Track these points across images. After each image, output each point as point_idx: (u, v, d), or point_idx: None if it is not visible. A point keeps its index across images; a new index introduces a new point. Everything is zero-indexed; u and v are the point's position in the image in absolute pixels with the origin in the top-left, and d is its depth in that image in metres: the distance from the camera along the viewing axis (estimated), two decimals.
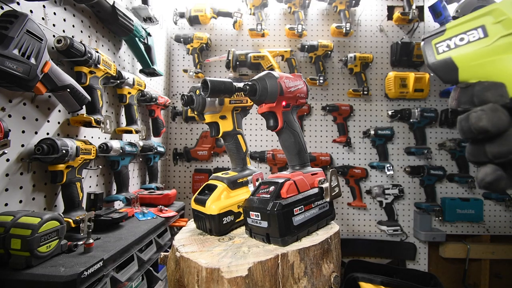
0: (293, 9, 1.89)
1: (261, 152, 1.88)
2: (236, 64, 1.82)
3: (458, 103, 0.35)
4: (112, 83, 1.15)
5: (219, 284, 0.48)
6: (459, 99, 0.35)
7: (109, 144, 1.05)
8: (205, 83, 0.58)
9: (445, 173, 1.88)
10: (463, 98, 0.34)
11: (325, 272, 0.58)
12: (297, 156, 0.69)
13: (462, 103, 0.35)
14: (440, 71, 0.36)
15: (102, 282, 0.71)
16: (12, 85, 0.67)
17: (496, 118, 0.29)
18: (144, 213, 1.13)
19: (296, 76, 0.70)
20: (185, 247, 0.60)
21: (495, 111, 0.30)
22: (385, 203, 1.89)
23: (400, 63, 1.95)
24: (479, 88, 0.32)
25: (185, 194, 1.97)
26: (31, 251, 0.60)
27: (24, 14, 0.67)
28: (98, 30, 1.13)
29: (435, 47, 0.36)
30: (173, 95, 1.99)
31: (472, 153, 0.33)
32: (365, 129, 1.95)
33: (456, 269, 1.95)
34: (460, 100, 0.35)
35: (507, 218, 1.92)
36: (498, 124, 0.29)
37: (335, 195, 0.67)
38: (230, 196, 0.70)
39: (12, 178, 0.73)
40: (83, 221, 0.74)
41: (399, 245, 1.92)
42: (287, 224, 0.56)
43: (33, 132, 0.80)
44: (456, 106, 0.35)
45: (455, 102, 0.35)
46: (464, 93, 0.34)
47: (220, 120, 0.76)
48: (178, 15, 1.88)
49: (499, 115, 0.29)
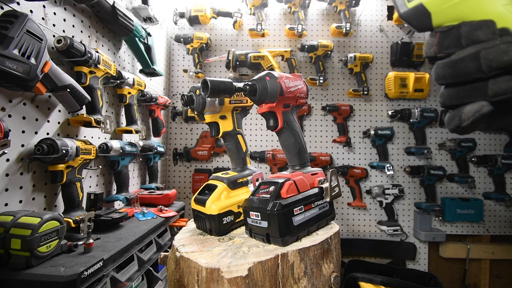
0: (293, 9, 1.89)
1: (261, 152, 1.88)
2: (236, 64, 1.82)
3: (439, 48, 0.34)
4: (112, 83, 1.15)
5: (219, 284, 0.48)
6: (440, 43, 0.33)
7: (109, 144, 1.05)
8: (205, 83, 0.58)
9: (445, 173, 1.88)
10: (445, 42, 0.33)
11: (325, 272, 0.58)
12: (297, 156, 0.69)
13: (444, 48, 0.33)
14: (412, 19, 0.35)
15: (102, 282, 0.71)
16: (12, 85, 0.67)
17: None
18: (144, 213, 1.13)
19: (296, 76, 0.70)
20: (185, 247, 0.60)
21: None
22: (385, 203, 1.89)
23: (400, 63, 1.95)
24: (466, 28, 0.31)
25: (185, 194, 1.97)
26: (31, 251, 0.60)
27: (24, 14, 0.67)
28: (98, 30, 1.13)
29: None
30: (173, 95, 1.99)
31: (457, 95, 0.32)
32: (365, 129, 1.95)
33: (456, 269, 1.95)
34: (441, 45, 0.33)
35: (507, 218, 1.92)
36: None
37: (335, 195, 0.67)
38: (230, 196, 0.70)
39: (12, 178, 0.73)
40: (83, 221, 0.74)
41: (399, 245, 1.92)
42: (287, 224, 0.56)
43: (33, 132, 0.80)
44: (436, 52, 0.34)
45: (435, 48, 0.34)
46: (447, 37, 0.33)
47: (220, 120, 0.76)
48: (178, 15, 1.88)
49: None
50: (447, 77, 0.33)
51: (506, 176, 1.90)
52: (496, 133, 1.97)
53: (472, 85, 0.31)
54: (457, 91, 0.33)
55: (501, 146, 1.96)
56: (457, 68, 0.31)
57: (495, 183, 1.90)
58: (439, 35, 0.34)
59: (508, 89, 0.29)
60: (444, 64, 0.33)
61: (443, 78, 0.33)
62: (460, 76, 0.31)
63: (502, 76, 0.29)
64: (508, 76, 0.29)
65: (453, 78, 0.32)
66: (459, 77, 0.32)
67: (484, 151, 1.96)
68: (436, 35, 0.34)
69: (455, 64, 0.32)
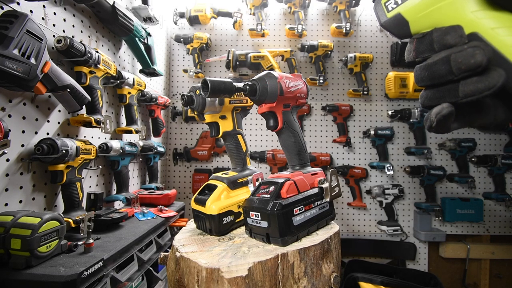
0: (293, 9, 1.89)
1: (261, 152, 1.88)
2: (236, 64, 1.82)
3: (416, 53, 0.36)
4: (112, 83, 1.15)
5: (219, 284, 0.48)
6: (417, 49, 0.36)
7: (109, 144, 1.05)
8: (205, 83, 0.58)
9: (445, 173, 1.88)
10: (421, 47, 0.36)
11: (325, 272, 0.58)
12: (297, 156, 0.69)
13: (420, 53, 0.36)
14: (392, 28, 0.37)
15: (102, 282, 0.71)
16: (12, 85, 0.67)
17: (489, 52, 0.30)
18: (144, 213, 1.13)
19: (296, 76, 0.70)
20: (185, 247, 0.60)
21: (486, 46, 0.30)
22: (385, 203, 1.89)
23: (400, 63, 1.95)
24: (437, 34, 0.34)
25: (185, 194, 1.97)
26: (31, 251, 0.60)
27: (24, 14, 0.67)
28: (98, 30, 1.13)
29: (385, 6, 0.37)
30: (173, 95, 1.99)
31: (433, 97, 0.35)
32: (365, 129, 1.95)
33: (456, 269, 1.95)
34: (418, 50, 0.36)
35: (507, 218, 1.92)
36: (490, 57, 0.30)
37: (335, 195, 0.67)
38: (230, 196, 0.70)
39: (12, 178, 0.73)
40: (83, 221, 0.74)
41: (399, 245, 1.92)
42: (287, 224, 0.56)
43: (33, 132, 0.80)
44: (414, 57, 0.37)
45: (413, 53, 0.37)
46: (422, 43, 0.36)
47: (220, 120, 0.76)
48: (178, 15, 1.88)
49: (490, 48, 0.30)
50: (424, 79, 0.35)
51: (506, 176, 1.90)
52: (496, 133, 1.97)
53: (445, 87, 0.34)
54: (433, 92, 0.35)
55: (501, 146, 1.96)
56: (431, 71, 0.34)
57: (495, 183, 1.90)
58: (416, 41, 0.36)
59: (476, 90, 0.31)
60: (421, 68, 0.35)
61: (422, 81, 0.35)
62: (435, 79, 0.34)
63: (471, 78, 0.31)
64: (476, 77, 0.31)
65: (430, 80, 0.34)
66: (434, 79, 0.34)
67: (484, 151, 1.96)
68: (413, 42, 0.37)
69: (430, 67, 0.34)
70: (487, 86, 0.30)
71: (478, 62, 0.30)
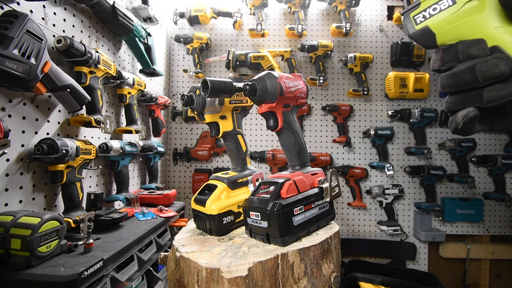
0: (293, 9, 1.89)
1: (261, 152, 1.88)
2: (236, 64, 1.82)
3: (442, 63, 0.40)
4: (112, 83, 1.15)
5: (219, 284, 0.48)
6: (443, 59, 0.40)
7: (109, 144, 1.05)
8: (205, 83, 0.58)
9: (445, 173, 1.88)
10: (446, 57, 0.39)
11: (325, 272, 0.58)
12: (297, 156, 0.69)
13: (446, 62, 0.40)
14: (420, 39, 0.41)
15: (102, 282, 0.71)
16: (12, 85, 0.67)
17: (511, 63, 0.34)
18: (144, 213, 1.13)
19: (296, 76, 0.70)
20: (185, 247, 0.60)
21: (508, 57, 0.34)
22: (385, 203, 1.89)
23: (400, 63, 1.95)
24: (462, 45, 0.38)
25: (185, 194, 1.97)
26: (31, 251, 0.60)
27: (24, 14, 0.67)
28: (98, 30, 1.13)
29: (413, 19, 0.41)
30: (173, 95, 1.99)
31: (459, 102, 0.39)
32: (365, 129, 1.95)
33: (456, 269, 1.95)
34: (444, 60, 0.40)
35: (507, 218, 1.92)
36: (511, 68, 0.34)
37: (335, 195, 0.67)
38: (230, 196, 0.70)
39: (12, 178, 0.73)
40: (83, 221, 0.74)
41: (399, 245, 1.92)
42: (287, 224, 0.56)
43: (33, 132, 0.80)
44: (440, 66, 0.41)
45: (439, 62, 0.41)
46: (447, 53, 0.39)
47: (220, 120, 0.76)
48: (178, 15, 1.88)
49: (511, 60, 0.34)
50: (450, 86, 0.39)
51: (506, 176, 1.90)
52: (496, 133, 1.97)
53: (470, 93, 0.37)
54: (458, 98, 0.39)
55: (501, 146, 1.96)
56: (457, 78, 0.37)
57: (495, 183, 1.90)
58: (441, 52, 0.40)
59: (499, 96, 0.35)
60: (447, 76, 0.39)
61: (447, 87, 0.39)
62: (461, 85, 0.37)
63: (495, 85, 0.35)
64: (499, 84, 0.35)
65: (455, 87, 0.38)
66: (460, 86, 0.38)
67: (484, 151, 1.96)
68: (439, 52, 0.40)
69: (456, 76, 0.38)
70: (509, 92, 0.34)
71: (502, 71, 0.34)
